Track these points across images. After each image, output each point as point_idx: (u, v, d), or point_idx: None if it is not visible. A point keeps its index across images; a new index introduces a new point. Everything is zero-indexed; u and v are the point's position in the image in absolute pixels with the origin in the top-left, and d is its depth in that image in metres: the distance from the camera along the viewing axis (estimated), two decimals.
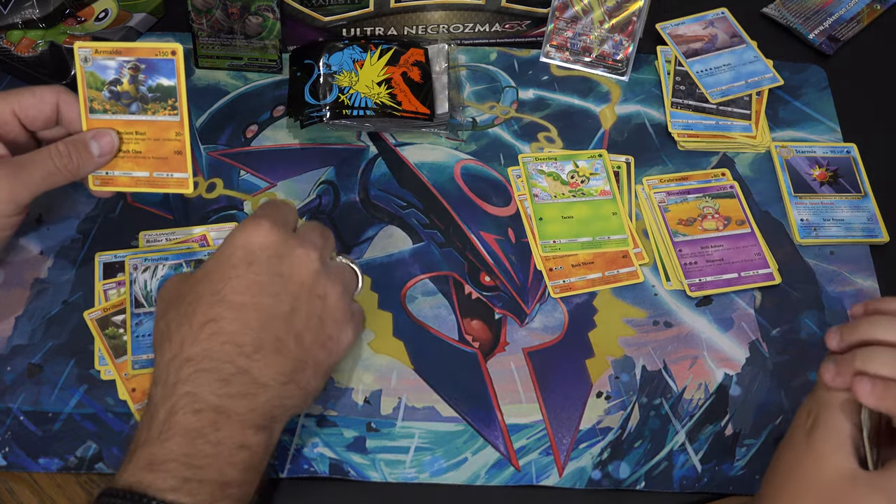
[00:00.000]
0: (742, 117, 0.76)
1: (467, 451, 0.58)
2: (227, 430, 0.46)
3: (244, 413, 0.47)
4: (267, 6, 0.73)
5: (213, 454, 0.45)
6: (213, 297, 0.48)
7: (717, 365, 0.63)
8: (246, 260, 0.49)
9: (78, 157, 0.55)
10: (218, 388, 0.46)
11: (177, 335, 0.48)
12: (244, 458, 0.46)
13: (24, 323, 0.62)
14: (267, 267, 0.50)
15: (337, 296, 0.52)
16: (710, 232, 0.69)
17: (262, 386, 0.48)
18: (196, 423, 0.45)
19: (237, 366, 0.47)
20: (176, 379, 0.47)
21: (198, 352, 0.47)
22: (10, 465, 0.57)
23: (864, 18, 0.86)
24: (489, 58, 0.80)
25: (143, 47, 0.55)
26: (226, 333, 0.47)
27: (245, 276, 0.49)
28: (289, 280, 0.50)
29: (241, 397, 0.47)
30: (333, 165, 0.72)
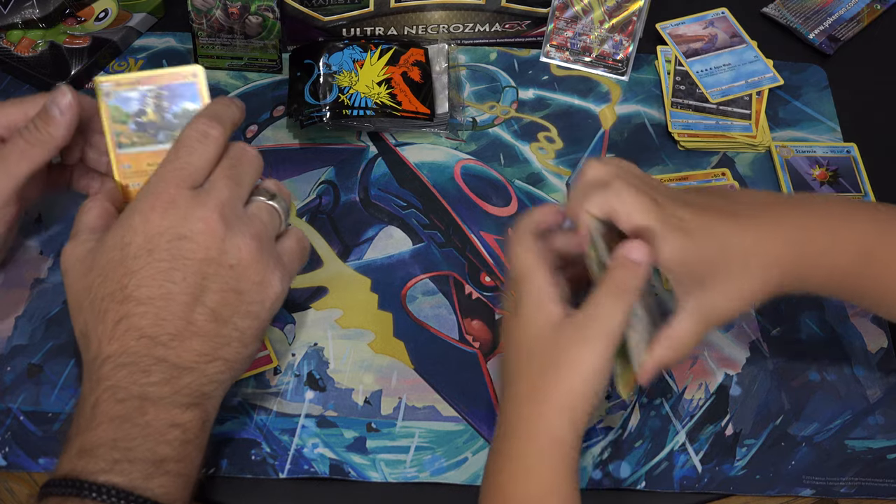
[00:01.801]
0: (742, 117, 0.76)
1: (468, 450, 0.58)
2: (153, 413, 0.46)
3: (169, 396, 0.47)
4: (267, 6, 0.73)
5: (142, 435, 0.45)
6: (121, 293, 0.47)
7: (718, 365, 0.63)
8: (146, 248, 0.47)
9: (43, 125, 0.54)
10: (139, 378, 0.46)
11: (94, 335, 0.48)
12: (177, 436, 0.46)
13: (24, 323, 0.62)
14: (168, 252, 0.47)
15: (250, 255, 0.49)
16: None
17: (185, 369, 0.47)
18: (121, 411, 0.46)
19: (155, 356, 0.47)
20: (98, 376, 0.47)
21: (115, 349, 0.47)
22: (10, 465, 0.57)
23: (864, 18, 0.86)
24: (489, 58, 0.80)
25: (163, 74, 0.54)
26: (139, 328, 0.47)
27: (147, 267, 0.47)
28: (193, 261, 0.48)
29: (165, 383, 0.47)
30: (333, 165, 0.72)
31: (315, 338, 0.62)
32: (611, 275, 0.48)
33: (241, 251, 0.49)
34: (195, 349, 0.48)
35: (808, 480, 0.58)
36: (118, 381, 0.46)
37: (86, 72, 0.75)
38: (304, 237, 0.55)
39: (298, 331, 0.63)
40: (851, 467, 0.59)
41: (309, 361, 0.61)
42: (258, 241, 0.50)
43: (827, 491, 0.58)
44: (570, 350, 0.47)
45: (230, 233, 0.49)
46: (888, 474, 0.59)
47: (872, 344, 0.64)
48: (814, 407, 0.61)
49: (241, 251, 0.49)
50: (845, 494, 0.58)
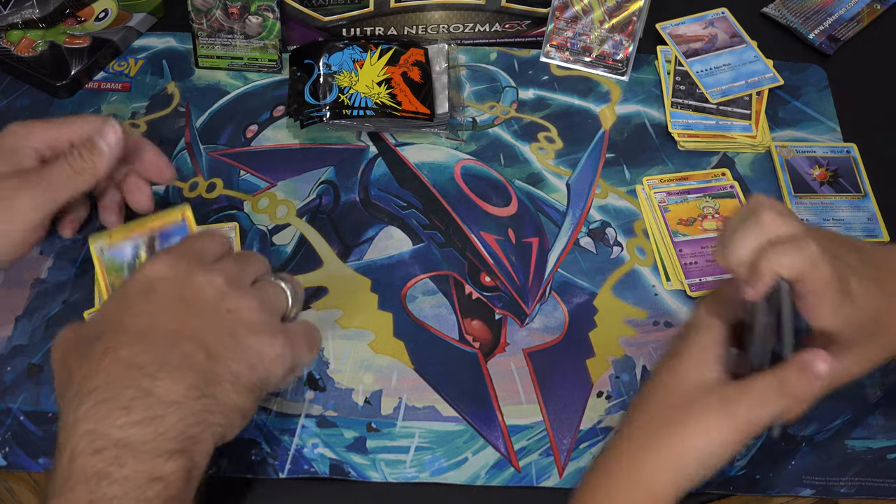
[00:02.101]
0: (742, 117, 0.76)
1: (468, 450, 0.58)
2: (133, 465, 0.43)
3: (151, 440, 0.44)
4: (267, 6, 0.73)
5: (120, 495, 0.43)
6: (112, 329, 0.46)
7: None
8: (143, 291, 0.47)
9: (89, 156, 0.55)
10: (119, 417, 0.44)
11: (78, 373, 0.45)
12: (159, 492, 0.44)
13: (24, 323, 0.62)
14: (167, 294, 0.47)
15: (250, 309, 0.48)
16: (711, 232, 0.69)
17: (171, 404, 0.44)
18: (98, 465, 0.43)
19: (140, 388, 0.44)
20: (74, 418, 0.44)
21: (98, 382, 0.44)
22: (11, 465, 0.56)
23: (864, 18, 0.86)
24: (489, 58, 0.80)
25: (153, 220, 0.56)
26: (126, 358, 0.45)
27: (143, 303, 0.47)
28: (190, 303, 0.47)
29: (148, 423, 0.44)
30: (333, 165, 0.72)
31: None
32: (785, 372, 0.45)
33: (240, 302, 0.48)
34: (184, 381, 0.45)
35: (808, 480, 0.58)
36: (97, 422, 0.43)
37: (86, 72, 0.75)
38: (316, 329, 0.53)
39: None
40: (851, 467, 0.59)
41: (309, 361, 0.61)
42: (259, 302, 0.49)
43: (827, 491, 0.58)
44: (706, 418, 0.45)
45: (232, 292, 0.48)
46: (888, 474, 0.59)
47: None
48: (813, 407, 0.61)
49: (240, 302, 0.48)
50: (845, 494, 0.58)
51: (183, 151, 0.72)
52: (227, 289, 0.48)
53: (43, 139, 0.56)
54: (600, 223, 0.70)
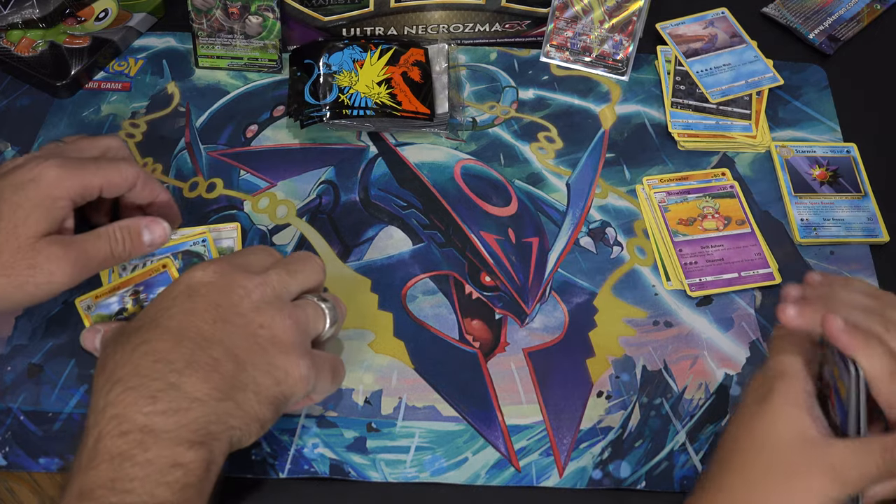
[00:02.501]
0: (742, 117, 0.76)
1: (468, 450, 0.58)
2: (155, 450, 0.45)
3: (174, 430, 0.45)
4: (267, 6, 0.73)
5: (142, 476, 0.44)
6: (149, 325, 0.48)
7: (718, 365, 0.63)
8: (186, 293, 0.49)
9: (131, 246, 0.57)
10: (144, 405, 0.45)
11: (110, 361, 0.48)
12: (178, 478, 0.45)
13: (24, 323, 0.62)
14: (205, 298, 0.49)
15: (284, 328, 0.49)
16: (711, 232, 0.69)
17: (195, 400, 0.46)
18: (123, 447, 0.45)
19: (167, 382, 0.46)
20: (104, 403, 0.46)
21: (127, 371, 0.46)
22: (11, 465, 0.57)
23: (864, 18, 0.86)
24: (489, 58, 0.80)
25: (136, 275, 0.59)
26: (157, 352, 0.47)
27: (181, 305, 0.49)
28: (226, 309, 0.49)
29: (172, 413, 0.46)
30: (333, 165, 0.72)
31: None
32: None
33: (274, 320, 0.49)
34: (210, 382, 0.47)
35: None
36: (125, 407, 0.45)
37: (86, 72, 0.75)
38: (342, 364, 0.55)
39: None
40: None
41: None
42: (295, 322, 0.50)
43: None
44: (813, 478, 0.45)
45: (270, 306, 0.50)
46: None
47: None
48: None
49: (274, 320, 0.49)
50: None
51: (183, 151, 0.72)
52: (263, 300, 0.50)
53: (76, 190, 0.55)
54: (600, 223, 0.70)
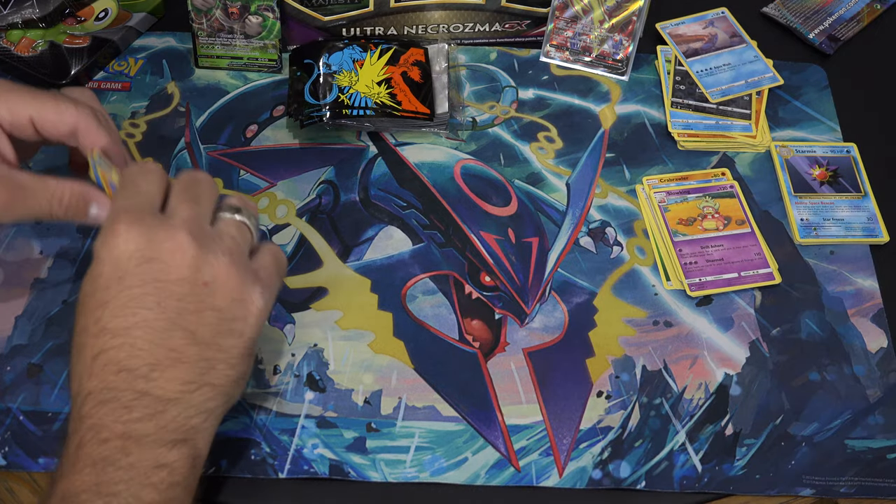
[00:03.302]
0: (742, 117, 0.76)
1: (467, 450, 0.58)
2: (138, 454, 0.44)
3: (154, 433, 0.45)
4: (267, 6, 0.73)
5: (126, 479, 0.43)
6: (95, 326, 0.46)
7: (718, 365, 0.63)
8: (115, 276, 0.46)
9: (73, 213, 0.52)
10: (121, 415, 0.44)
11: (74, 371, 0.46)
12: (163, 477, 0.44)
13: (24, 323, 0.62)
14: (138, 276, 0.45)
15: (225, 271, 0.47)
16: (710, 232, 0.69)
17: (169, 402, 0.45)
18: (104, 452, 0.44)
19: (136, 390, 0.45)
20: (80, 414, 0.45)
21: (95, 385, 0.45)
22: (10, 465, 0.57)
23: (864, 18, 0.86)
24: (489, 57, 0.80)
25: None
26: (116, 362, 0.45)
27: (119, 296, 0.45)
28: (165, 282, 0.46)
29: (149, 419, 0.45)
30: (333, 165, 0.72)
31: (315, 338, 0.62)
32: None
33: (214, 268, 0.47)
34: (178, 378, 0.46)
35: (808, 480, 0.58)
36: (100, 418, 0.44)
37: (86, 72, 0.75)
38: (280, 251, 0.53)
39: (298, 331, 0.63)
40: (851, 467, 0.59)
41: (309, 362, 0.61)
42: (230, 257, 0.48)
43: (827, 491, 0.58)
44: None
45: (201, 251, 0.47)
46: (888, 474, 0.59)
47: (872, 344, 0.64)
48: (814, 407, 0.61)
49: (214, 268, 0.47)
50: (845, 494, 0.58)
51: (183, 151, 0.72)
52: (195, 251, 0.46)
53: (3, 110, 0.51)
54: (600, 223, 0.70)
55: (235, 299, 0.48)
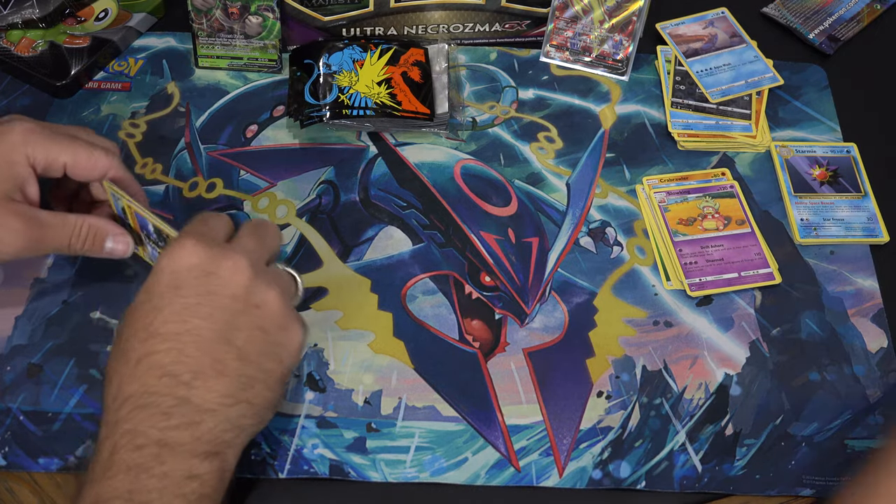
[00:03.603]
0: (742, 117, 0.76)
1: (468, 450, 0.58)
2: (171, 463, 0.45)
3: (189, 443, 0.46)
4: (267, 6, 0.73)
5: (159, 488, 0.44)
6: (145, 331, 0.47)
7: (718, 365, 0.63)
8: (172, 285, 0.48)
9: (90, 247, 0.57)
10: (159, 421, 0.45)
11: (115, 375, 0.47)
12: (194, 489, 0.45)
13: (24, 323, 0.62)
14: (195, 288, 0.48)
15: (275, 300, 0.50)
16: (710, 232, 0.69)
17: (207, 412, 0.46)
18: (139, 459, 0.44)
19: (177, 397, 0.46)
20: (116, 418, 0.46)
21: (136, 388, 0.46)
22: (10, 465, 0.57)
23: (864, 18, 0.86)
24: (489, 58, 0.80)
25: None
26: (161, 366, 0.46)
27: (173, 303, 0.47)
28: (220, 296, 0.48)
29: (185, 427, 0.46)
30: (333, 165, 0.72)
31: (315, 339, 0.62)
32: None
33: (266, 295, 0.50)
34: (218, 390, 0.47)
35: (808, 480, 0.58)
36: (137, 423, 0.45)
37: (86, 72, 0.75)
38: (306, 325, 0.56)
39: None
40: (851, 467, 0.59)
41: (309, 362, 0.61)
42: (282, 292, 0.51)
43: (827, 491, 0.58)
44: None
45: (257, 279, 0.50)
46: None
47: (872, 344, 0.64)
48: (814, 407, 0.61)
49: (266, 295, 0.50)
50: None
51: (183, 151, 0.72)
52: (251, 275, 0.49)
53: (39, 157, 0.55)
54: (600, 223, 0.70)
55: (281, 326, 0.50)
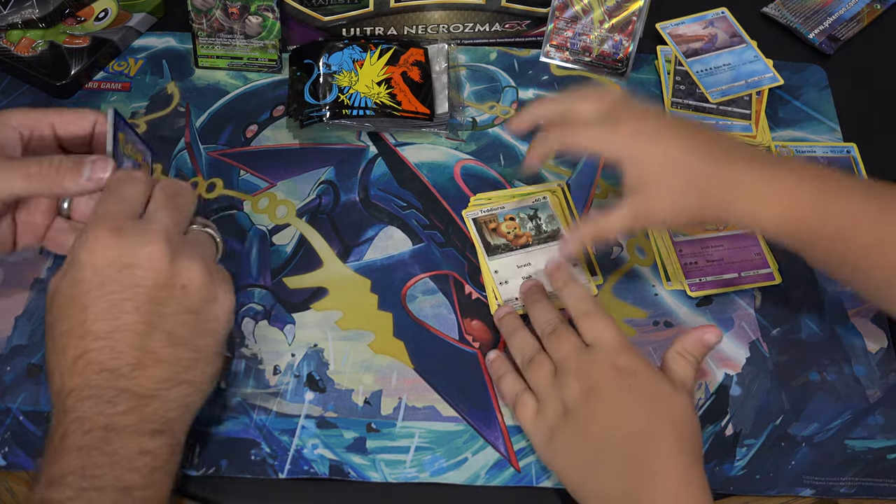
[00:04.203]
0: (742, 117, 0.76)
1: (467, 451, 0.58)
2: (119, 442, 0.46)
3: (135, 423, 0.47)
4: (267, 6, 0.73)
5: (110, 463, 0.46)
6: (79, 328, 0.48)
7: (718, 365, 0.63)
8: (97, 282, 0.48)
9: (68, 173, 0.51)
10: (104, 408, 0.47)
11: (56, 370, 0.48)
12: (147, 462, 0.47)
13: (24, 323, 0.62)
14: (118, 283, 0.48)
15: (199, 276, 0.50)
16: (711, 232, 0.69)
17: (149, 397, 0.48)
18: (88, 441, 0.46)
19: (118, 388, 0.47)
20: (64, 408, 0.47)
21: (77, 383, 0.47)
22: (10, 465, 0.57)
23: (864, 18, 0.86)
24: (489, 58, 0.80)
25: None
26: (98, 362, 0.47)
27: (101, 300, 0.48)
28: (144, 287, 0.48)
29: (131, 412, 0.47)
30: (333, 165, 0.72)
31: (315, 339, 0.62)
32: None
33: (190, 272, 0.50)
34: (157, 376, 0.48)
35: (808, 480, 0.58)
36: (84, 412, 0.46)
37: (86, 72, 0.75)
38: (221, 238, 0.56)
39: (298, 331, 0.63)
40: (851, 467, 0.59)
41: (309, 362, 0.61)
42: (203, 262, 0.51)
43: (827, 491, 0.58)
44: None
45: (177, 256, 0.50)
46: (888, 474, 0.59)
47: (872, 344, 0.64)
48: (814, 407, 0.61)
49: (190, 272, 0.50)
50: (845, 494, 0.58)
51: (183, 151, 0.72)
52: (171, 258, 0.49)
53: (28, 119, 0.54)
54: None
55: (209, 300, 0.51)
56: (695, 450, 0.51)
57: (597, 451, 0.51)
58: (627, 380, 0.53)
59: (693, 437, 0.52)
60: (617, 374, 0.53)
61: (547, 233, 0.67)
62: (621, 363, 0.54)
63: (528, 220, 0.68)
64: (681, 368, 0.55)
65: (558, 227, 0.67)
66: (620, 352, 0.54)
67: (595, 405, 0.52)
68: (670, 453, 0.50)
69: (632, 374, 0.53)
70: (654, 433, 0.51)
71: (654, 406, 0.52)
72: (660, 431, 0.51)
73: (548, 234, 0.67)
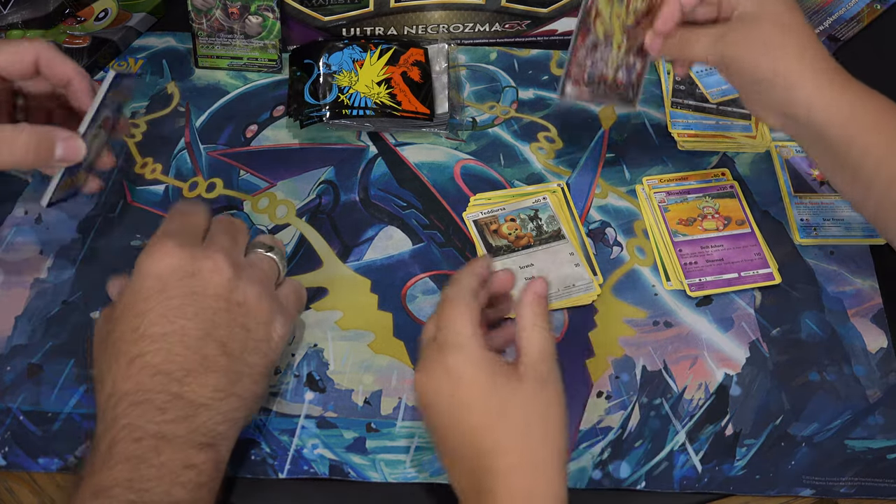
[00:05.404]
0: (742, 117, 0.76)
1: None
2: (169, 454, 0.46)
3: (185, 435, 0.47)
4: (267, 6, 0.73)
5: (157, 477, 0.46)
6: (133, 333, 0.49)
7: (718, 365, 0.63)
8: (157, 288, 0.49)
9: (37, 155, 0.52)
10: (155, 416, 0.47)
11: (108, 376, 0.49)
12: (192, 478, 0.47)
13: (24, 323, 0.62)
14: (179, 289, 0.49)
15: (256, 297, 0.52)
16: (710, 232, 0.69)
17: (200, 406, 0.48)
18: (137, 451, 0.46)
19: (170, 393, 0.48)
20: (114, 414, 0.47)
21: (130, 387, 0.48)
22: (10, 465, 0.57)
23: (864, 18, 0.86)
24: (489, 58, 0.80)
25: None
26: (152, 366, 0.48)
27: (160, 305, 0.49)
28: (203, 296, 0.50)
29: (181, 421, 0.47)
30: (333, 165, 0.72)
31: (315, 339, 0.62)
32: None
33: (247, 292, 0.52)
34: (210, 384, 0.49)
35: (808, 480, 0.58)
36: (134, 419, 0.47)
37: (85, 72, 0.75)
38: (301, 287, 0.60)
39: (298, 331, 0.63)
40: (851, 467, 0.59)
41: (309, 362, 0.61)
42: (262, 286, 0.53)
43: (827, 491, 0.58)
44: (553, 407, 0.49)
45: (236, 275, 0.52)
46: (888, 474, 0.59)
47: (872, 344, 0.64)
48: (814, 407, 0.61)
49: (247, 292, 0.52)
50: (845, 494, 0.58)
51: (183, 151, 0.72)
52: (231, 274, 0.51)
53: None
54: (600, 223, 0.70)
55: (262, 322, 0.52)
56: (548, 454, 0.47)
57: (450, 451, 0.49)
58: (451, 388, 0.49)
59: (546, 437, 0.47)
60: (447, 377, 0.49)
61: (548, 233, 0.67)
62: (450, 364, 0.49)
63: (528, 221, 0.68)
64: (540, 341, 0.50)
65: (559, 227, 0.67)
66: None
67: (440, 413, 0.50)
68: (511, 469, 0.46)
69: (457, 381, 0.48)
70: (492, 450, 0.47)
71: (492, 419, 0.48)
72: (501, 447, 0.47)
73: (549, 234, 0.67)
